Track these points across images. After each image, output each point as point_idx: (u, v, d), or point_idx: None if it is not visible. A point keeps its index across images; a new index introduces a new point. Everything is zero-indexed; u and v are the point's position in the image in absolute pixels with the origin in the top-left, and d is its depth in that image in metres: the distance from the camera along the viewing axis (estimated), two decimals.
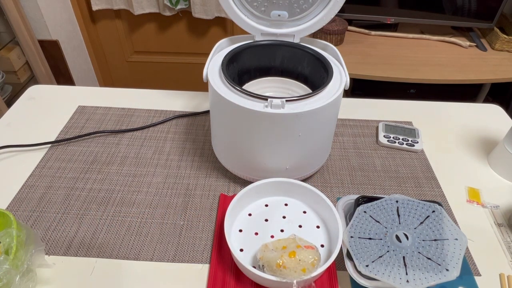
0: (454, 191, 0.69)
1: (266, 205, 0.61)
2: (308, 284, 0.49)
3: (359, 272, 0.48)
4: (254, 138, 0.59)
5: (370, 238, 0.51)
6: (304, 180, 0.64)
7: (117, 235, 0.59)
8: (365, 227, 0.52)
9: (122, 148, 0.75)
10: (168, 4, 1.63)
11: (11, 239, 0.46)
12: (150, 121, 0.82)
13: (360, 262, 0.49)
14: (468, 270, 0.56)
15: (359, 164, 0.73)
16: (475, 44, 1.56)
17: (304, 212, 0.60)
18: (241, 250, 0.55)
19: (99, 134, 0.78)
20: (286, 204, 0.61)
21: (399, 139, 0.77)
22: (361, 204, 0.55)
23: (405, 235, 0.51)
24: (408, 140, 0.77)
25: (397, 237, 0.51)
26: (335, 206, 0.56)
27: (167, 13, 1.69)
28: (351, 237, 0.51)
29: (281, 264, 0.47)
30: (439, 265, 0.47)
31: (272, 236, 0.56)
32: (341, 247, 0.51)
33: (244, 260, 0.50)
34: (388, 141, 0.77)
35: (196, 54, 1.91)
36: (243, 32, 0.68)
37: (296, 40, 0.68)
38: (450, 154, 0.77)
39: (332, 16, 0.64)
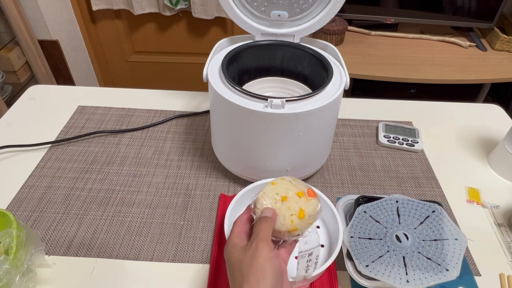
0: (454, 191, 0.69)
1: None
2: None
3: (359, 272, 0.48)
4: (254, 138, 0.59)
5: (370, 238, 0.51)
6: (304, 180, 0.64)
7: (117, 235, 0.59)
8: (365, 227, 0.52)
9: (122, 148, 0.75)
10: (168, 4, 1.63)
11: (11, 239, 0.46)
12: (150, 121, 0.82)
13: (360, 262, 0.49)
14: (468, 270, 0.56)
15: (359, 164, 0.73)
16: (475, 44, 1.56)
17: None
18: None
19: (99, 134, 0.78)
20: None
21: (399, 139, 0.77)
22: (361, 204, 0.55)
23: (405, 235, 0.51)
24: (408, 140, 0.77)
25: (397, 237, 0.51)
26: (335, 206, 0.56)
27: (167, 13, 1.69)
28: (351, 237, 0.51)
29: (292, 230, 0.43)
30: (439, 265, 0.47)
31: None
32: (341, 247, 0.51)
33: None
34: (388, 141, 0.77)
35: (196, 54, 1.91)
36: (243, 32, 0.68)
37: (296, 40, 0.68)
38: (450, 154, 0.77)
39: (332, 16, 0.64)
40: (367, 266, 0.48)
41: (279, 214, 0.42)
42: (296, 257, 0.46)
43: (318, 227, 0.58)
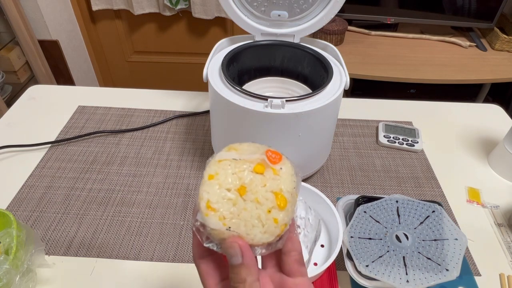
0: (454, 191, 0.68)
1: None
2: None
3: (359, 272, 0.48)
4: (254, 138, 0.59)
5: (370, 238, 0.51)
6: (304, 180, 0.64)
7: (117, 235, 0.59)
8: (365, 227, 0.52)
9: (122, 148, 0.75)
10: (168, 4, 1.63)
11: (11, 239, 0.46)
12: (150, 121, 0.82)
13: (360, 262, 0.49)
14: (468, 270, 0.56)
15: (359, 164, 0.73)
16: (475, 44, 1.56)
17: None
18: None
19: (99, 134, 0.78)
20: None
21: (399, 139, 0.77)
22: (361, 204, 0.55)
23: (405, 235, 0.51)
24: (408, 140, 0.77)
25: (397, 237, 0.51)
26: (335, 206, 0.56)
27: (167, 13, 1.69)
28: (351, 237, 0.51)
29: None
30: (439, 265, 0.47)
31: None
32: (341, 247, 0.51)
33: None
34: (388, 141, 0.77)
35: (196, 54, 1.91)
36: (243, 32, 0.68)
37: (296, 40, 0.68)
38: (450, 154, 0.77)
39: (332, 16, 0.64)
40: (367, 266, 0.48)
41: (250, 219, 0.27)
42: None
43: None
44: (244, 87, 0.68)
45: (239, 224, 0.26)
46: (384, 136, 0.78)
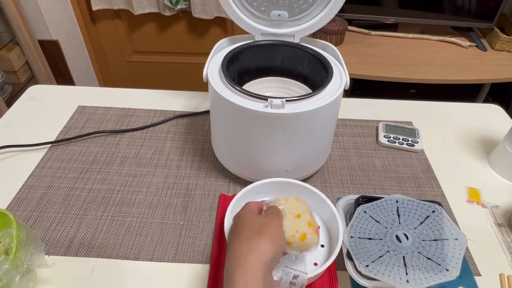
0: (454, 191, 0.69)
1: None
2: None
3: (359, 272, 0.48)
4: (254, 138, 0.59)
5: (370, 238, 0.51)
6: (304, 180, 0.64)
7: (117, 235, 0.59)
8: (365, 227, 0.52)
9: (122, 148, 0.75)
10: (168, 4, 1.63)
11: (11, 239, 0.46)
12: (150, 121, 0.82)
13: (360, 262, 0.49)
14: (468, 270, 0.56)
15: (359, 164, 0.73)
16: (475, 44, 1.57)
17: None
18: None
19: (99, 134, 0.78)
20: None
21: (399, 139, 0.77)
22: (361, 204, 0.55)
23: (405, 235, 0.51)
24: (408, 140, 0.77)
25: (397, 237, 0.51)
26: (335, 206, 0.56)
27: (167, 13, 1.69)
28: (351, 237, 0.51)
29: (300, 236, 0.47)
30: (439, 265, 0.47)
31: None
32: (341, 247, 0.51)
33: None
34: (388, 141, 0.77)
35: (196, 54, 1.91)
36: (243, 32, 0.68)
37: (296, 40, 0.68)
38: (450, 154, 0.77)
39: (332, 16, 0.64)
40: (367, 266, 0.48)
41: (287, 223, 0.46)
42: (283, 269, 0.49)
43: (318, 227, 0.58)
44: (244, 87, 0.68)
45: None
46: (384, 136, 0.78)
